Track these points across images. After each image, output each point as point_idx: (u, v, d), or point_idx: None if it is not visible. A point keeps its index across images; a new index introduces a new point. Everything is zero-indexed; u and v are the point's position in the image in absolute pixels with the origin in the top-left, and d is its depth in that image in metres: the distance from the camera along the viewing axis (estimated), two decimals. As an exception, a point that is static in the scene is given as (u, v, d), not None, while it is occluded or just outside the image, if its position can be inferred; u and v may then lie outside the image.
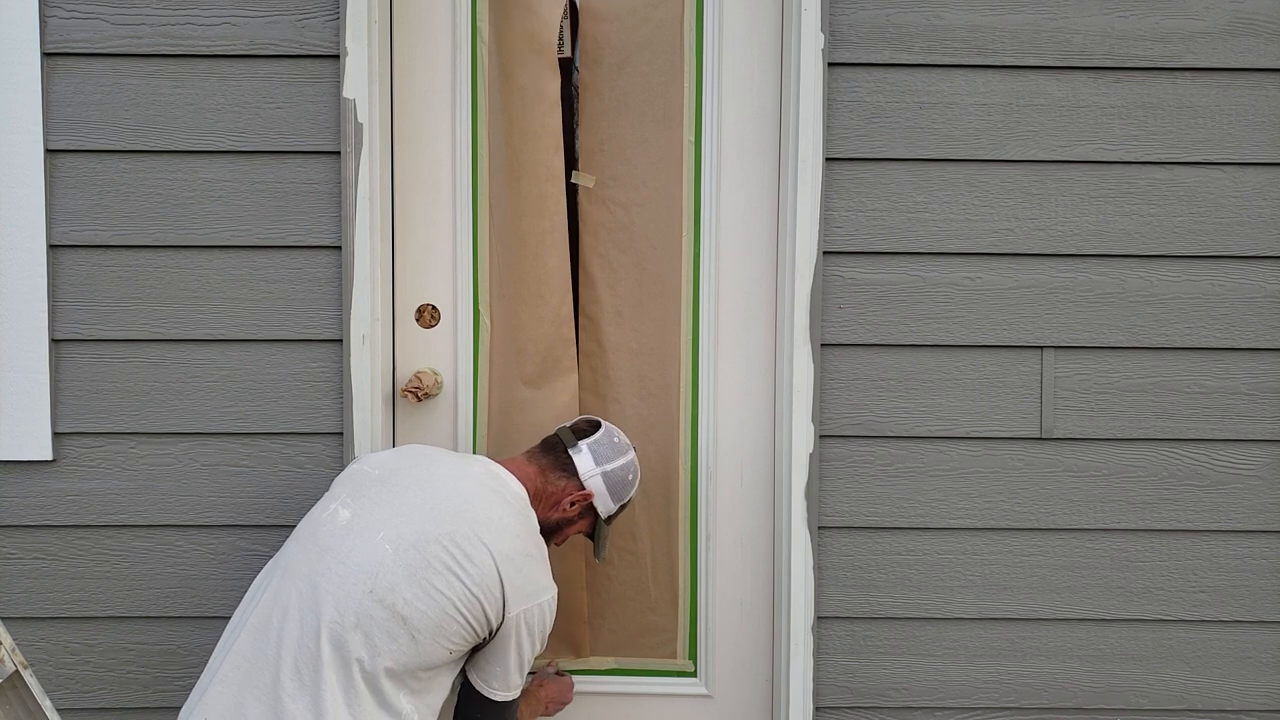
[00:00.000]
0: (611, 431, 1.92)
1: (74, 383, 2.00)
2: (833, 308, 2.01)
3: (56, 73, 1.96)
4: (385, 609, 1.56)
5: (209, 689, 1.56)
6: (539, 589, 1.71)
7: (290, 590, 1.58)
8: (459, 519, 1.65)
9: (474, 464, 1.78)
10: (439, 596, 1.59)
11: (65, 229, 1.98)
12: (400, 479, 1.70)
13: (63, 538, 2.02)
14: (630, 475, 1.91)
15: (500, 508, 1.71)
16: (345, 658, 1.55)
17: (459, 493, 1.69)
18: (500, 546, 1.65)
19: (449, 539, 1.62)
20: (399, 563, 1.59)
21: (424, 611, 1.58)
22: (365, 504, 1.66)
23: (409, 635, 1.57)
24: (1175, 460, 2.04)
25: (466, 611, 1.62)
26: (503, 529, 1.68)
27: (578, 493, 1.85)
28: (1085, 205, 2.00)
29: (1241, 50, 1.97)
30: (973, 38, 1.97)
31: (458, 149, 2.11)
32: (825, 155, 1.99)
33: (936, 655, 2.07)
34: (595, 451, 1.87)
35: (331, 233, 1.98)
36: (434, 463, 1.75)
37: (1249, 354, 2.02)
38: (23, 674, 1.47)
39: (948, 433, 2.03)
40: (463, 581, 1.61)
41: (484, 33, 2.10)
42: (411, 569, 1.59)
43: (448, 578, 1.60)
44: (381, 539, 1.61)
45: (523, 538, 1.71)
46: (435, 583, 1.60)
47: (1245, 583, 2.05)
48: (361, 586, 1.57)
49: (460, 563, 1.62)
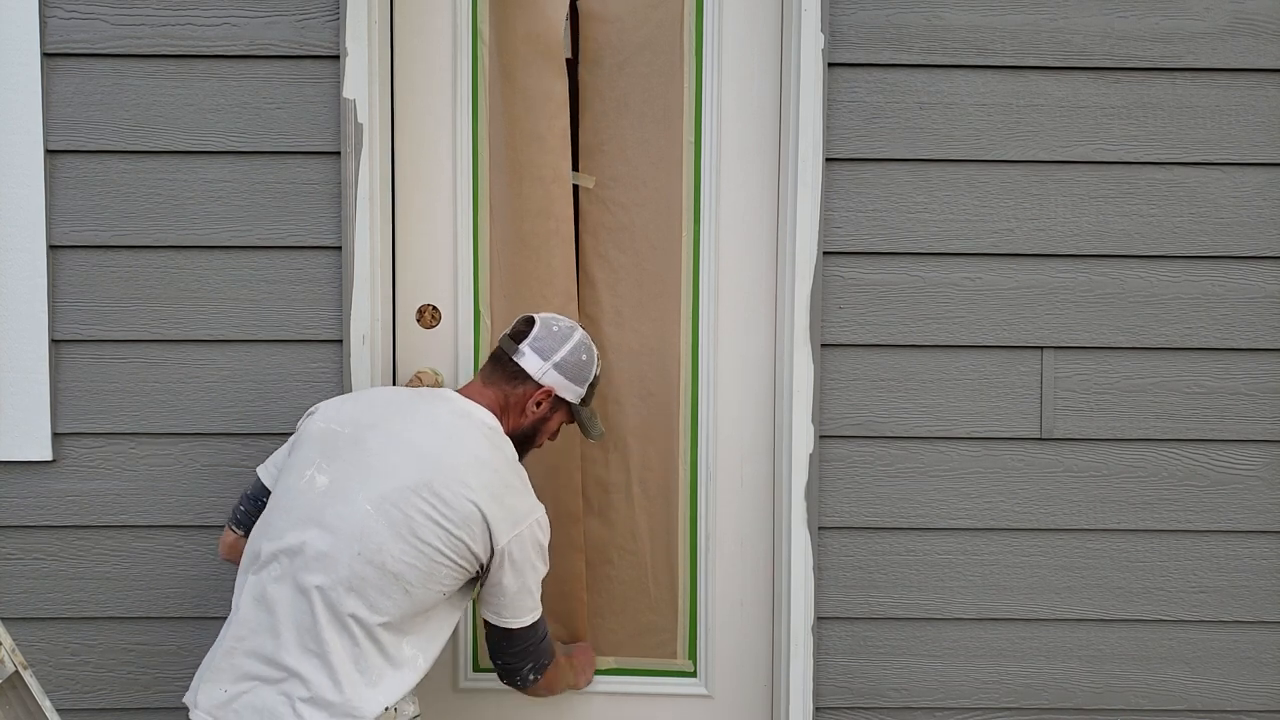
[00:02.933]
0: (549, 322, 1.86)
1: (74, 383, 2.00)
2: (833, 308, 2.01)
3: (56, 73, 1.96)
4: (375, 569, 1.60)
5: (215, 659, 1.64)
6: (523, 514, 1.71)
7: (282, 558, 1.63)
8: (435, 467, 1.65)
9: (440, 406, 1.76)
10: (426, 547, 1.62)
11: (65, 229, 1.98)
12: (372, 436, 1.69)
13: (63, 538, 2.02)
14: (584, 355, 1.86)
15: (473, 444, 1.71)
16: (343, 620, 1.59)
17: (431, 440, 1.69)
18: (478, 484, 1.66)
19: (427, 489, 1.63)
20: (382, 521, 1.61)
21: (413, 564, 1.61)
22: (341, 466, 1.67)
23: (402, 590, 1.61)
24: (1175, 460, 2.04)
25: (454, 555, 1.64)
26: (479, 466, 1.68)
27: (537, 392, 1.82)
28: (1085, 205, 2.00)
29: (1241, 50, 1.97)
30: (973, 38, 1.97)
31: (458, 149, 2.11)
32: (825, 155, 1.98)
33: (936, 655, 2.07)
34: (538, 348, 1.82)
35: (331, 233, 1.98)
36: (402, 414, 1.73)
37: (1249, 354, 2.02)
38: (23, 674, 1.47)
39: (948, 433, 2.03)
40: (445, 528, 1.63)
41: (484, 33, 2.10)
42: (395, 525, 1.61)
43: (431, 527, 1.62)
44: (362, 500, 1.63)
45: (500, 469, 1.71)
46: (420, 534, 1.62)
47: (1245, 583, 2.05)
48: (349, 550, 1.60)
49: (441, 510, 1.63)
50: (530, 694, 1.87)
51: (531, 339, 1.83)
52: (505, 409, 1.82)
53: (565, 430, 2.13)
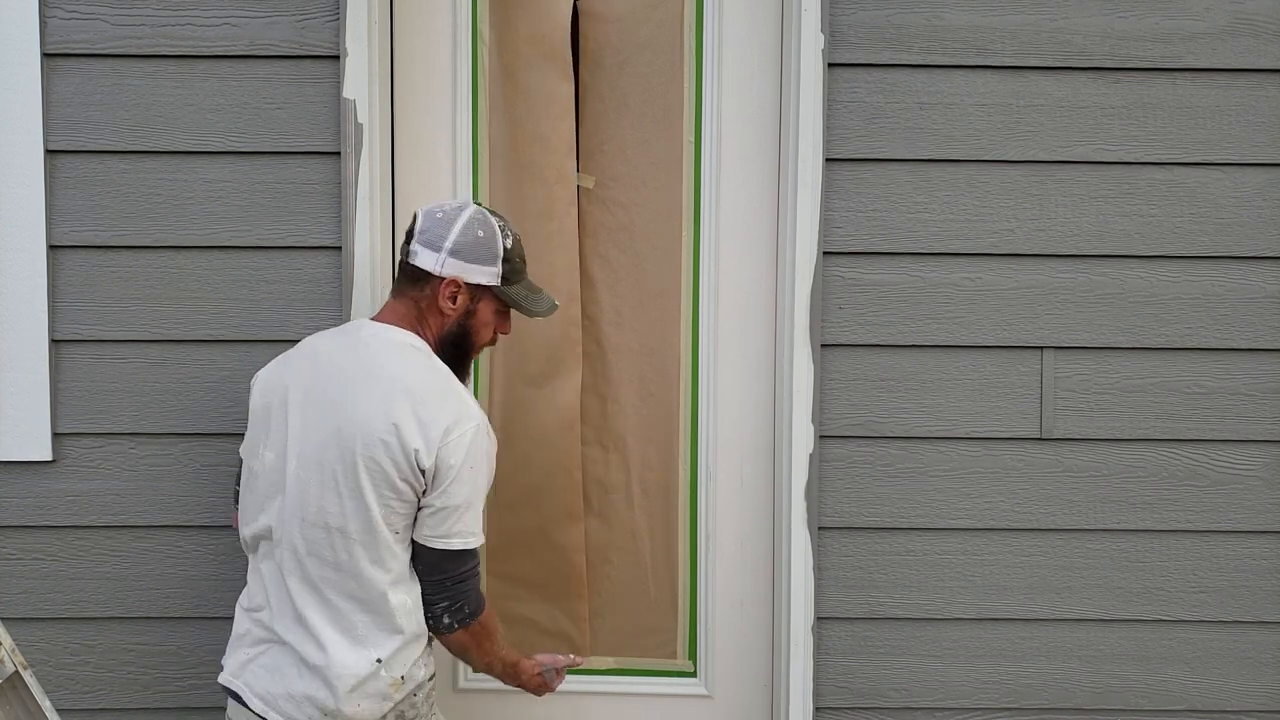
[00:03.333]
0: (432, 211, 1.69)
1: (74, 383, 2.00)
2: (833, 308, 2.01)
3: (56, 73, 1.96)
4: (321, 529, 1.60)
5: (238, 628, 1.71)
6: (450, 423, 1.59)
7: (261, 541, 1.68)
8: (343, 409, 1.60)
9: (349, 339, 1.68)
10: (359, 494, 1.58)
11: (65, 229, 1.98)
12: (292, 398, 1.65)
13: (63, 538, 2.02)
14: (480, 231, 1.68)
15: (383, 369, 1.62)
16: (314, 586, 1.61)
17: (337, 383, 1.62)
18: (388, 407, 1.58)
19: (339, 435, 1.59)
20: (311, 482, 1.61)
21: (352, 514, 1.59)
22: (276, 436, 1.66)
23: (353, 541, 1.59)
24: (1175, 460, 2.04)
25: (388, 489, 1.58)
26: (389, 387, 1.59)
27: (443, 286, 1.67)
28: (1085, 206, 2.00)
29: (1241, 51, 1.97)
30: (973, 38, 1.97)
31: (458, 149, 2.11)
32: (825, 156, 1.99)
33: (936, 656, 2.07)
34: (426, 241, 1.67)
35: (331, 233, 1.98)
36: (314, 364, 1.67)
37: (1249, 354, 2.02)
38: (23, 674, 1.47)
39: (948, 433, 2.03)
40: (366, 467, 1.57)
41: (484, 33, 2.10)
42: (322, 482, 1.60)
43: (352, 471, 1.58)
44: (295, 467, 1.62)
45: (415, 383, 1.61)
46: (344, 482, 1.58)
47: (1245, 583, 2.05)
48: (295, 519, 1.62)
49: (356, 450, 1.58)
50: (455, 651, 1.73)
51: (418, 234, 1.68)
52: (421, 317, 1.70)
53: (564, 431, 2.14)
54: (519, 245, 1.75)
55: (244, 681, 1.65)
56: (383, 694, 1.61)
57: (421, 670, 1.67)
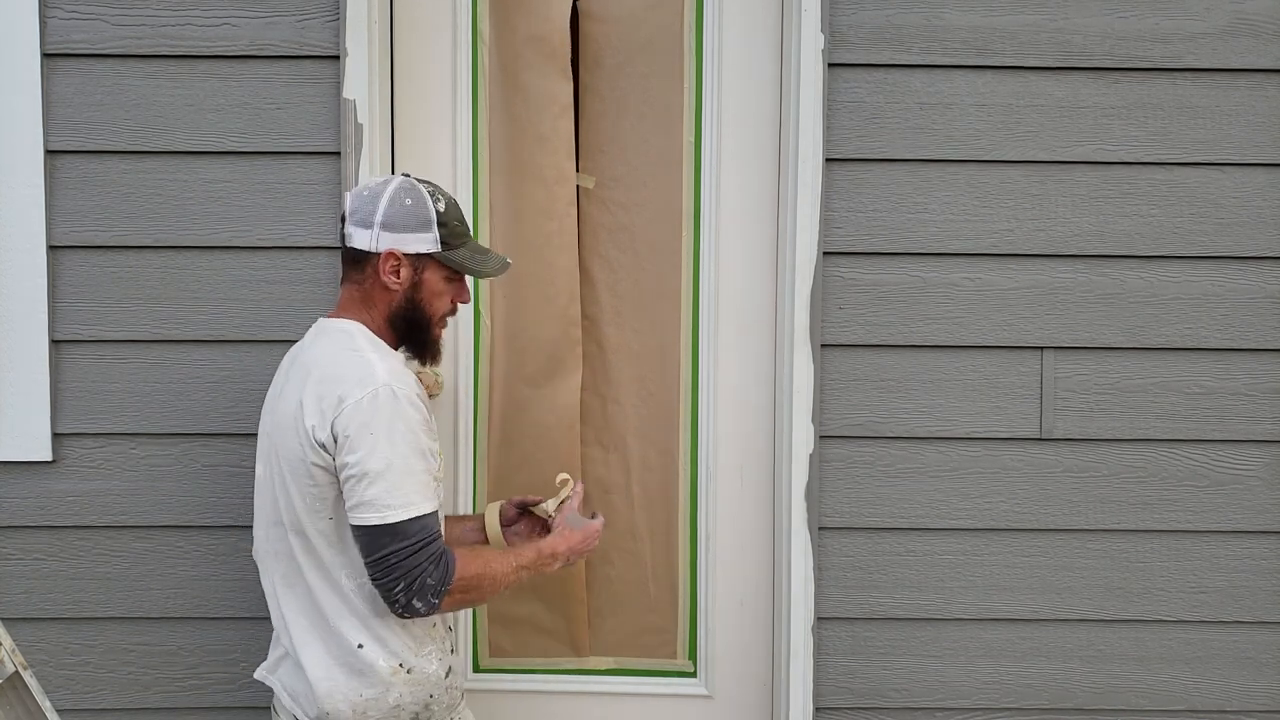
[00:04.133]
0: (359, 191, 1.64)
1: (74, 383, 2.00)
2: (833, 308, 2.01)
3: (57, 73, 1.96)
4: (276, 526, 1.63)
5: None
6: (344, 394, 1.52)
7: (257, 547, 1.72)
8: (271, 407, 1.65)
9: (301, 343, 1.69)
10: (285, 487, 1.59)
11: (65, 229, 1.98)
12: (265, 407, 1.70)
13: (63, 538, 2.02)
14: (408, 200, 1.61)
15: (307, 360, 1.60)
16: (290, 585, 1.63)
17: (281, 386, 1.64)
18: (302, 394, 1.55)
19: (265, 432, 1.65)
20: (265, 482, 1.64)
21: (285, 508, 1.60)
22: (258, 448, 1.70)
23: (298, 534, 1.59)
24: (1175, 460, 2.04)
25: (303, 475, 1.56)
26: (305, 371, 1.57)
27: (382, 262, 1.61)
28: (1085, 206, 2.00)
29: (1241, 51, 1.97)
30: (973, 38, 1.97)
31: (458, 149, 2.11)
32: (825, 156, 1.98)
33: (936, 656, 2.07)
34: (358, 220, 1.62)
35: (331, 233, 1.98)
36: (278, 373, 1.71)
37: (1249, 354, 2.02)
38: (23, 675, 1.47)
39: (947, 433, 2.03)
40: (287, 460, 1.57)
41: (484, 33, 2.10)
42: (271, 482, 1.62)
43: (282, 466, 1.59)
44: (260, 471, 1.67)
45: (327, 360, 1.57)
46: (279, 479, 1.60)
47: (1245, 583, 2.05)
48: (262, 522, 1.66)
49: (281, 445, 1.58)
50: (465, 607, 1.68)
51: (349, 216, 1.63)
52: (367, 298, 1.64)
53: (564, 432, 2.14)
54: (454, 208, 1.67)
55: (277, 677, 1.68)
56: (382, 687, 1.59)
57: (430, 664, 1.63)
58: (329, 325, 1.66)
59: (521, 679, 2.19)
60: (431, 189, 1.66)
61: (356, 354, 1.58)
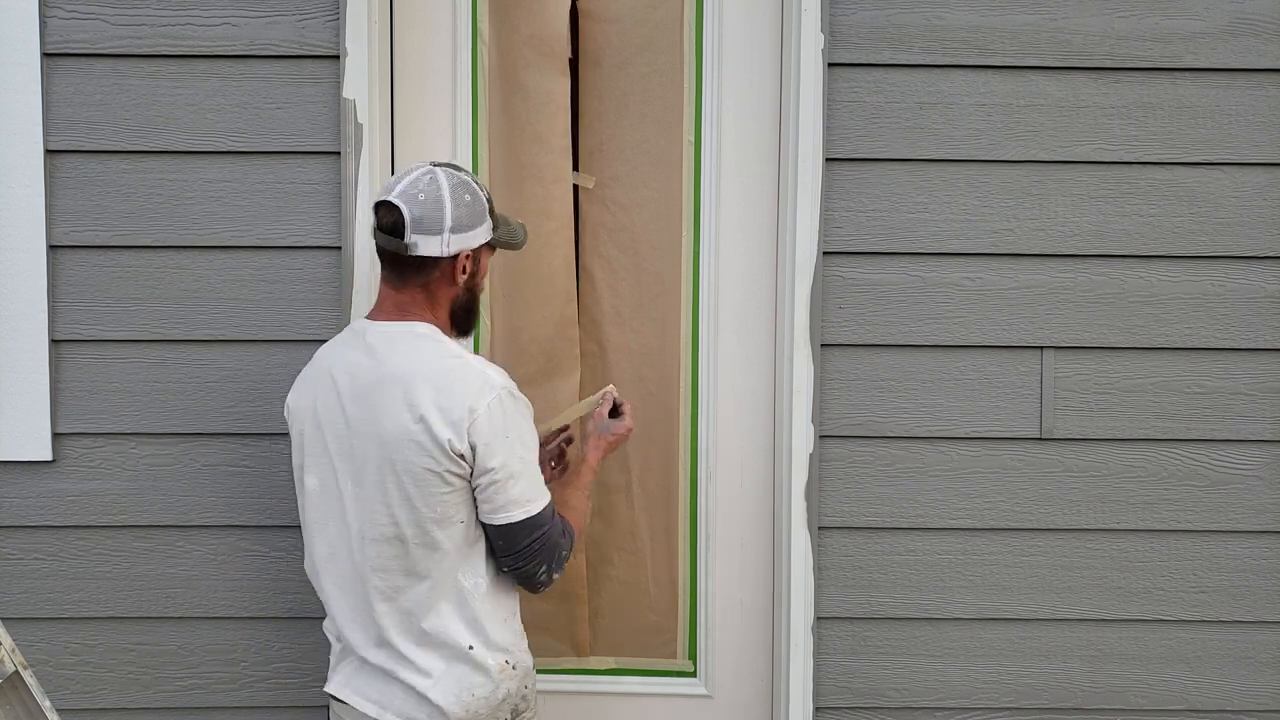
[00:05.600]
0: (409, 196, 1.59)
1: (74, 383, 2.00)
2: (833, 308, 2.01)
3: (57, 73, 1.96)
4: (385, 542, 1.59)
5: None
6: (472, 404, 1.55)
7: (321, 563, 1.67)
8: (380, 419, 1.57)
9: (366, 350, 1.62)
10: (409, 501, 1.57)
11: (65, 229, 1.98)
12: (325, 418, 1.63)
13: (63, 538, 2.02)
14: (466, 195, 1.62)
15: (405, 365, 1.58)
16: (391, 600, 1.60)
17: (368, 396, 1.59)
18: (419, 405, 1.54)
19: (384, 446, 1.57)
20: (368, 498, 1.59)
21: (404, 520, 1.58)
22: (316, 462, 1.65)
23: (410, 545, 1.58)
24: (1175, 460, 2.04)
25: (435, 485, 1.56)
26: (414, 389, 1.56)
27: (455, 265, 1.63)
28: (1085, 205, 2.00)
29: (1241, 50, 1.97)
30: (973, 38, 1.97)
31: (458, 149, 2.11)
32: (825, 155, 1.98)
33: (936, 655, 2.07)
34: (425, 229, 1.58)
35: (331, 233, 1.98)
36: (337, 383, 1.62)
37: (1249, 354, 2.02)
38: (23, 674, 1.46)
39: (947, 433, 2.03)
40: (413, 474, 1.55)
41: (484, 33, 2.10)
42: (378, 497, 1.58)
43: (403, 480, 1.56)
44: (351, 488, 1.61)
45: (432, 369, 1.57)
46: (399, 493, 1.57)
47: (1245, 583, 2.05)
48: (359, 538, 1.61)
49: (402, 459, 1.56)
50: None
51: (411, 226, 1.58)
52: (432, 299, 1.65)
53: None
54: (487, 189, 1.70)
55: (353, 689, 1.65)
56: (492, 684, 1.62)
57: (528, 656, 1.69)
58: (400, 331, 1.62)
59: (521, 679, 2.19)
60: (468, 174, 1.67)
61: (459, 360, 1.60)
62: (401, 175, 1.63)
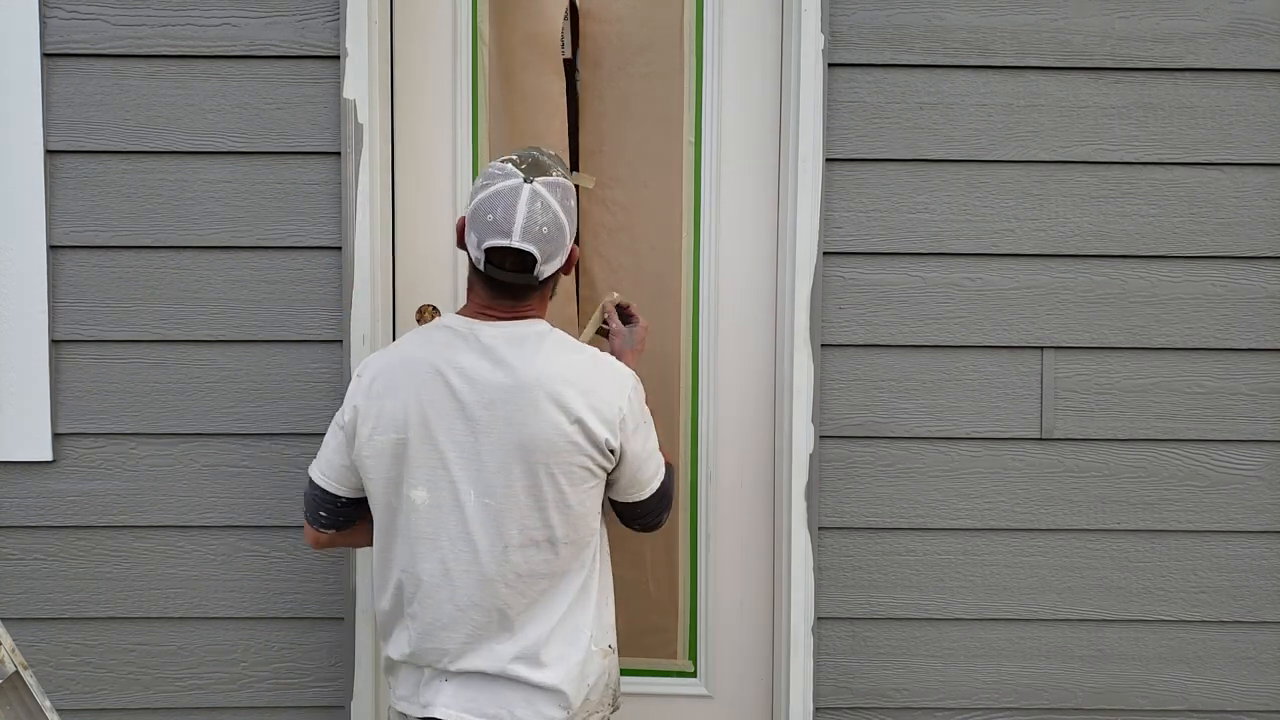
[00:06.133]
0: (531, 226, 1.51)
1: (74, 383, 2.00)
2: (833, 308, 2.01)
3: (57, 73, 1.96)
4: (533, 547, 1.56)
5: None
6: (615, 391, 1.58)
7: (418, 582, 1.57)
8: (523, 424, 1.52)
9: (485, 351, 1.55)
10: (562, 499, 1.55)
11: (65, 230, 1.98)
12: (438, 425, 1.53)
13: (63, 538, 2.02)
14: (570, 201, 1.59)
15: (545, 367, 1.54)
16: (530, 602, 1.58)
17: (504, 400, 1.52)
18: (572, 407, 1.53)
19: (532, 450, 1.52)
20: (507, 507, 1.53)
21: (560, 522, 1.56)
22: (424, 473, 1.54)
23: (563, 543, 1.57)
24: (1175, 460, 2.04)
25: (586, 480, 1.57)
26: (563, 392, 1.53)
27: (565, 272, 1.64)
28: (1085, 206, 2.00)
29: (1242, 51, 1.97)
30: (973, 38, 1.97)
31: (458, 149, 2.11)
32: (825, 155, 1.99)
33: (937, 656, 2.07)
34: (549, 254, 1.54)
35: (331, 233, 1.98)
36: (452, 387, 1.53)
37: (1249, 354, 2.02)
38: (23, 674, 1.46)
39: (948, 433, 2.03)
40: (568, 474, 1.54)
41: (484, 33, 2.10)
42: (521, 502, 1.53)
43: (558, 480, 1.54)
44: (475, 497, 1.54)
45: (578, 373, 1.56)
46: (553, 493, 1.54)
47: (1245, 583, 2.05)
48: (496, 547, 1.54)
49: (556, 461, 1.53)
50: None
51: (541, 261, 1.53)
52: (543, 298, 1.64)
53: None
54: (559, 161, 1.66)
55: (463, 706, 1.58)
56: (601, 669, 1.63)
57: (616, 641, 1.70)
58: (524, 331, 1.57)
59: (521, 679, 2.19)
60: (552, 158, 1.60)
61: (591, 358, 1.62)
62: (508, 203, 1.51)
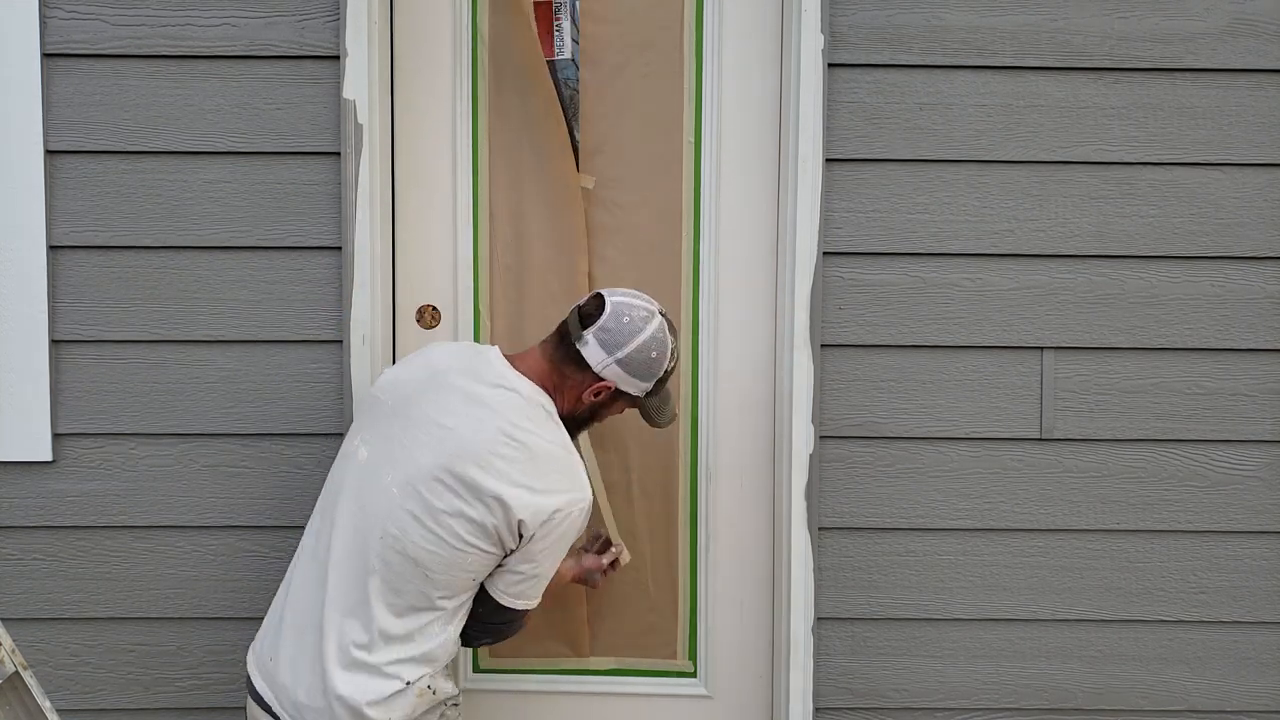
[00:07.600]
0: (620, 311, 1.67)
1: (74, 383, 2.00)
2: (833, 308, 2.01)
3: (56, 73, 1.96)
4: (398, 554, 1.59)
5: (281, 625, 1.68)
6: (561, 506, 1.61)
7: (325, 532, 1.66)
8: (466, 451, 1.58)
9: (480, 378, 1.66)
10: (448, 535, 1.58)
11: (65, 230, 1.98)
12: (408, 409, 1.65)
13: (63, 539, 2.02)
14: (654, 352, 1.68)
15: (507, 421, 1.61)
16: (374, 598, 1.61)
17: (460, 418, 1.61)
18: (504, 466, 1.58)
19: (452, 475, 1.58)
20: (405, 507, 1.59)
21: (435, 552, 1.59)
22: (378, 440, 1.65)
23: (423, 575, 1.60)
24: (1175, 461, 2.04)
25: (480, 542, 1.59)
26: (508, 445, 1.59)
27: (595, 384, 1.69)
28: (1085, 206, 2.00)
29: (1241, 51, 1.97)
30: (972, 38, 1.97)
31: (458, 149, 2.11)
32: (825, 156, 1.98)
33: (936, 656, 2.07)
34: (602, 340, 1.66)
35: (331, 233, 1.98)
36: (438, 386, 1.66)
37: (1249, 354, 2.02)
38: (23, 675, 1.46)
39: (947, 433, 2.03)
40: (469, 517, 1.57)
41: (484, 33, 2.10)
42: (416, 512, 1.59)
43: (454, 518, 1.58)
44: (389, 482, 1.61)
45: (534, 452, 1.61)
46: (443, 521, 1.58)
47: (1245, 583, 2.05)
48: (375, 532, 1.60)
49: (465, 498, 1.57)
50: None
51: (598, 328, 1.67)
52: (559, 389, 1.70)
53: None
54: (676, 366, 1.77)
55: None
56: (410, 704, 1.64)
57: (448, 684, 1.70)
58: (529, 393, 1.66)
59: (522, 679, 2.19)
60: (674, 344, 1.73)
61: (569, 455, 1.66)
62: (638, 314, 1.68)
